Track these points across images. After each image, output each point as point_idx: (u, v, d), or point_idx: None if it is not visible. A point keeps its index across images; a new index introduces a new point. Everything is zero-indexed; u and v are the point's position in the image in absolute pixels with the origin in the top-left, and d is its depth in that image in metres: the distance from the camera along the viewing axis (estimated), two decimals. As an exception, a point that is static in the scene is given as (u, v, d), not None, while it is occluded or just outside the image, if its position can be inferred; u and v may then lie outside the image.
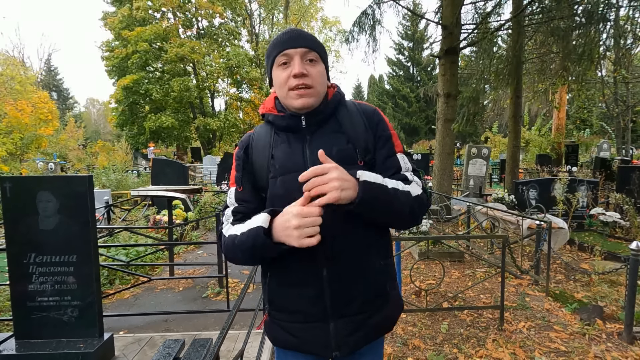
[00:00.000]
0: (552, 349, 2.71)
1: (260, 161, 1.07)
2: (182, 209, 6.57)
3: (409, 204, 1.00)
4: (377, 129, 1.09)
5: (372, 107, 1.14)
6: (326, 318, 1.02)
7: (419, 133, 33.15)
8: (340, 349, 1.03)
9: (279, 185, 1.03)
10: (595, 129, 21.77)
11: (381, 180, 0.96)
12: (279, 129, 1.09)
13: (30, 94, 17.95)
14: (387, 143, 1.09)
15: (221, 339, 1.38)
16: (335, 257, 1.00)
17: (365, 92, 50.04)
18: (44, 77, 41.64)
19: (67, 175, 2.45)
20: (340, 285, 1.02)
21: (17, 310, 2.38)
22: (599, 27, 5.81)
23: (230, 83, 24.83)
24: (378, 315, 1.08)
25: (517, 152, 8.50)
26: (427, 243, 4.52)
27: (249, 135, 1.15)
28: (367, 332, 1.06)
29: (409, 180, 1.06)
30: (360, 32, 7.65)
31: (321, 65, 1.06)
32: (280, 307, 1.07)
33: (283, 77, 1.02)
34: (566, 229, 4.46)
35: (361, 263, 1.04)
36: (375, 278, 1.07)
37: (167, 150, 24.07)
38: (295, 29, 1.07)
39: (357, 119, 1.09)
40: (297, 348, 1.07)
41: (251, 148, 1.11)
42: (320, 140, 1.05)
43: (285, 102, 1.06)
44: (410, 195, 1.00)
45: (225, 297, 3.53)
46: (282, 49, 1.02)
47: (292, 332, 1.06)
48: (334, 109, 1.09)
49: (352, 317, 1.04)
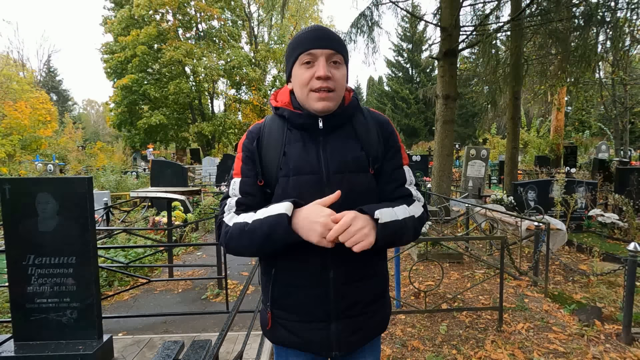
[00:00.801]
0: (551, 350, 2.71)
1: (271, 156, 1.05)
2: (181, 210, 6.56)
3: (414, 227, 1.04)
4: (389, 140, 1.11)
5: (385, 118, 1.15)
6: (329, 319, 1.04)
7: (419, 134, 33.19)
8: (340, 348, 1.05)
9: (291, 185, 1.02)
10: (594, 131, 21.84)
11: (395, 214, 0.98)
12: (293, 126, 1.07)
13: (28, 94, 17.92)
14: (397, 155, 1.11)
15: (221, 340, 1.38)
16: (342, 261, 1.02)
17: (364, 93, 50.06)
18: (44, 78, 41.60)
19: (67, 177, 2.45)
20: (346, 287, 1.04)
21: (16, 312, 2.38)
22: (597, 30, 5.84)
23: (230, 85, 24.83)
24: (377, 316, 1.12)
25: (515, 153, 8.53)
26: (426, 244, 4.52)
27: (259, 127, 1.11)
28: (366, 332, 1.09)
29: (413, 198, 1.10)
30: (358, 33, 7.66)
31: (344, 69, 1.04)
32: (284, 306, 1.07)
33: (306, 76, 1.00)
34: (565, 230, 4.47)
35: (366, 267, 1.07)
36: (378, 281, 1.11)
37: (166, 151, 24.06)
38: (322, 27, 1.04)
39: (371, 127, 1.09)
40: (298, 347, 1.09)
41: (262, 141, 1.08)
42: (335, 144, 1.05)
43: (305, 103, 1.04)
44: (414, 219, 1.04)
45: (224, 298, 3.53)
46: (308, 47, 0.99)
47: (294, 331, 1.07)
48: (351, 114, 1.09)
49: (354, 318, 1.06)
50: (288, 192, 1.01)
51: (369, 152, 1.06)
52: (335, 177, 1.01)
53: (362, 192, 1.04)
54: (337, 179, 1.01)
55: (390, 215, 0.96)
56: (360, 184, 1.04)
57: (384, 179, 1.09)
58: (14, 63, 26.64)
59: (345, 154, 1.03)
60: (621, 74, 13.47)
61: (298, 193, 1.00)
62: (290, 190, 1.01)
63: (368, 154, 1.06)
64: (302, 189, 1.00)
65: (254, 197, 1.06)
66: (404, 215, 1.00)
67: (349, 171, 1.03)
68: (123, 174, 11.59)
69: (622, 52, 7.02)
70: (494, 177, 15.01)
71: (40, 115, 16.75)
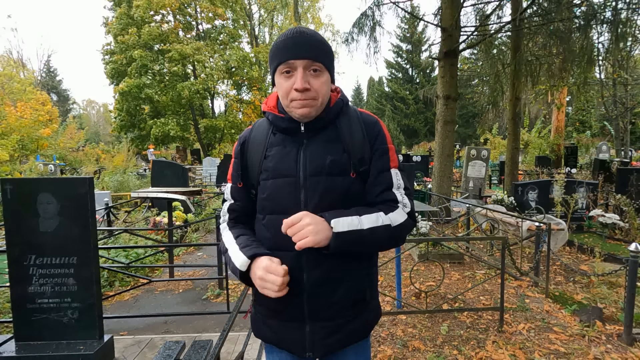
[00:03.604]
0: (552, 351, 2.71)
1: (254, 159, 1.09)
2: (181, 210, 6.57)
3: (388, 236, 1.01)
4: (375, 141, 1.07)
5: (374, 118, 1.11)
6: (303, 320, 1.05)
7: (418, 135, 33.19)
8: (313, 350, 1.06)
9: (269, 187, 1.05)
10: (595, 131, 21.82)
11: (357, 223, 0.96)
12: (277, 130, 1.09)
13: (29, 95, 17.92)
14: (384, 156, 1.07)
15: (222, 340, 1.38)
16: (317, 263, 1.02)
17: (365, 94, 50.08)
18: (44, 78, 41.65)
19: (68, 178, 2.46)
20: (320, 289, 1.04)
21: (17, 312, 2.38)
22: (598, 29, 5.84)
23: (231, 85, 24.83)
24: (356, 321, 1.09)
25: (516, 153, 8.52)
26: (427, 245, 4.53)
27: (248, 130, 1.16)
28: (342, 336, 1.07)
29: (396, 204, 1.05)
30: (360, 33, 7.65)
31: (326, 75, 1.02)
32: (262, 302, 1.10)
33: (286, 86, 1.00)
34: (565, 230, 4.47)
35: (342, 270, 1.05)
36: (355, 285, 1.08)
37: (167, 152, 24.07)
38: (301, 32, 1.00)
39: (356, 128, 1.07)
40: (276, 344, 1.12)
41: (247, 144, 1.12)
42: (316, 147, 1.05)
43: (287, 110, 1.05)
44: (389, 228, 1.00)
45: (225, 299, 3.52)
46: (285, 58, 0.98)
47: (271, 328, 1.11)
48: (335, 116, 1.08)
49: (329, 321, 1.06)
50: (266, 195, 1.06)
51: (351, 154, 1.04)
52: (311, 180, 1.02)
53: (340, 195, 1.02)
54: (313, 182, 1.02)
55: (350, 225, 0.95)
56: (338, 187, 1.02)
57: (370, 183, 1.06)
58: (15, 63, 26.65)
59: (324, 156, 1.03)
60: (623, 74, 13.45)
61: (275, 196, 1.04)
62: (268, 193, 1.06)
63: (351, 156, 1.04)
64: (278, 192, 1.04)
65: (240, 202, 1.14)
66: (371, 224, 0.98)
67: (326, 174, 1.02)
68: (127, 175, 11.60)
69: (623, 52, 7.01)
70: (495, 178, 15.01)
71: (41, 116, 16.74)
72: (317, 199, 1.01)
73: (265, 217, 1.08)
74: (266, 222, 1.07)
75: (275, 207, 1.04)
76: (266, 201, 1.06)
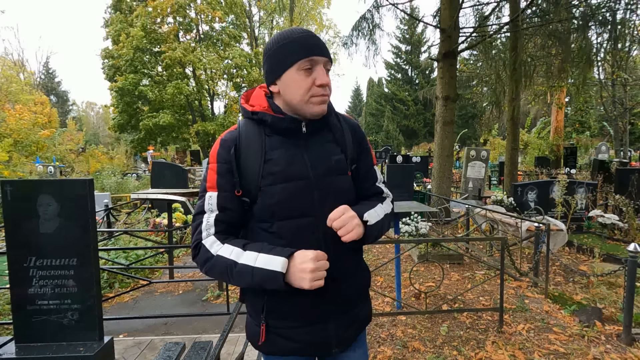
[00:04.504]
0: (552, 351, 2.71)
1: (252, 165, 1.01)
2: (181, 212, 6.56)
3: (387, 224, 1.15)
4: (361, 142, 1.17)
5: (356, 121, 1.21)
6: (326, 319, 1.07)
7: (418, 136, 33.23)
8: (339, 345, 1.09)
9: (279, 192, 1.00)
10: (594, 132, 21.83)
11: (377, 214, 1.08)
12: (274, 132, 1.04)
13: (27, 95, 17.92)
14: (369, 156, 1.20)
15: (222, 341, 1.38)
16: (336, 258, 1.03)
17: (364, 95, 50.09)
18: (43, 79, 41.63)
19: (68, 179, 2.47)
20: (341, 284, 1.07)
21: (17, 314, 2.38)
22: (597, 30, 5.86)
23: (231, 86, 24.85)
24: (365, 309, 1.19)
25: (515, 154, 8.53)
26: (427, 245, 4.53)
27: (234, 135, 1.05)
28: (358, 325, 1.15)
29: (384, 195, 1.20)
30: (359, 36, 7.67)
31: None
32: (280, 314, 1.05)
33: (307, 82, 0.99)
34: (565, 231, 4.47)
35: (354, 262, 1.14)
36: (362, 274, 1.18)
37: (166, 153, 24.05)
38: (311, 32, 1.03)
39: (345, 129, 1.14)
40: (297, 352, 1.08)
41: (240, 149, 1.03)
42: (317, 148, 1.07)
43: (301, 107, 1.01)
44: (388, 215, 1.15)
45: (225, 300, 3.52)
46: (310, 54, 0.98)
47: (292, 338, 1.06)
48: (327, 118, 1.11)
49: (347, 313, 1.11)
50: (277, 200, 1.00)
51: (346, 154, 1.12)
52: (323, 180, 1.04)
53: (344, 193, 1.09)
54: (326, 183, 1.04)
55: (375, 217, 1.06)
56: (343, 185, 1.09)
57: (360, 179, 1.16)
58: (14, 65, 26.64)
59: (329, 157, 1.07)
60: (622, 75, 13.47)
61: (290, 200, 1.01)
62: (279, 198, 1.00)
63: (346, 156, 1.11)
64: (291, 195, 1.01)
65: (233, 212, 1.03)
66: (383, 213, 1.12)
67: (335, 174, 1.07)
68: (123, 176, 11.60)
69: (622, 52, 7.02)
70: (494, 178, 15.02)
71: (40, 118, 16.73)
72: (331, 199, 1.03)
73: (274, 223, 1.02)
74: (277, 228, 1.01)
75: (291, 211, 1.01)
76: (276, 207, 1.00)
